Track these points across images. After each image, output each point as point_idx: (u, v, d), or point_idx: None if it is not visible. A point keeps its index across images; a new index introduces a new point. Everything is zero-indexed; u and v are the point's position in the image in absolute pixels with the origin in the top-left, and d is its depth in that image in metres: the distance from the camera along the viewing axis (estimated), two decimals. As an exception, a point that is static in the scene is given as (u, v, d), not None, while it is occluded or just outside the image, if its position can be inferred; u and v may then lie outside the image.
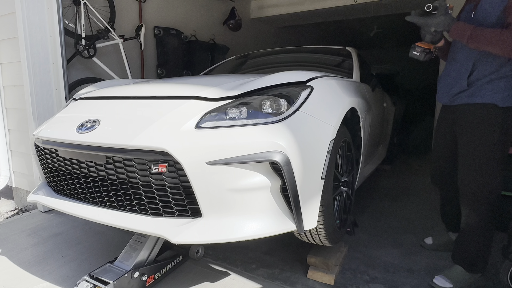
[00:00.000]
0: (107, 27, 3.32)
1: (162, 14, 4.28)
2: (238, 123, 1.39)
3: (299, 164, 1.35)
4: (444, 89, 1.70)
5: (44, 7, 2.49)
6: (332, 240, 1.71)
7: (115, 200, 1.51)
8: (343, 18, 6.24)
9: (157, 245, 1.66)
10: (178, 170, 1.33)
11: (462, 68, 1.59)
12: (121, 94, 1.82)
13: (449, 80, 1.67)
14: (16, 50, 2.57)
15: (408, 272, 1.84)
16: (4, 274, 1.77)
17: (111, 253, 1.89)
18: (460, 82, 1.59)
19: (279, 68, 2.78)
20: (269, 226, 1.36)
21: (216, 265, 1.87)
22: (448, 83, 1.67)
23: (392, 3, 5.24)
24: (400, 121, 4.83)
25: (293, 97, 1.52)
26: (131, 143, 1.37)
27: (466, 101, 1.59)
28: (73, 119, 1.69)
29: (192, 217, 1.38)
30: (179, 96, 1.61)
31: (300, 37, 7.74)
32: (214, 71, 3.25)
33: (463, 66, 1.59)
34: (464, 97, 1.59)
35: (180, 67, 4.48)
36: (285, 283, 1.71)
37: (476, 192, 1.59)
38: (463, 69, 1.58)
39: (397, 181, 3.75)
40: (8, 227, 2.36)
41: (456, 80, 1.62)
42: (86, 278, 1.48)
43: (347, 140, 1.85)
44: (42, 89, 2.54)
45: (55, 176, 1.74)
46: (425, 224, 2.48)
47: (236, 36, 5.67)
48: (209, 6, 5.10)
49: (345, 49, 2.97)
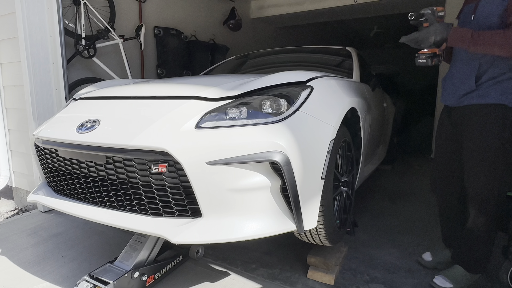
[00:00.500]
0: (107, 27, 3.32)
1: (162, 14, 4.28)
2: (238, 123, 1.39)
3: (299, 164, 1.35)
4: (450, 90, 1.66)
5: (44, 7, 2.49)
6: (332, 240, 1.71)
7: (115, 200, 1.51)
8: (343, 18, 6.25)
9: (157, 245, 1.66)
10: (178, 170, 1.33)
11: (467, 69, 1.56)
12: (121, 94, 1.82)
13: (454, 81, 1.63)
14: (16, 50, 2.57)
15: (408, 272, 1.84)
16: (4, 274, 1.77)
17: (111, 253, 1.89)
18: (467, 83, 1.55)
19: (279, 68, 2.78)
20: (269, 226, 1.36)
21: (216, 265, 1.87)
22: (454, 84, 1.63)
23: (392, 3, 5.24)
24: (400, 121, 4.83)
25: (293, 97, 1.52)
26: (131, 143, 1.37)
27: (476, 102, 1.54)
28: (73, 119, 1.69)
29: (192, 217, 1.38)
30: (179, 96, 1.61)
31: (300, 37, 7.75)
32: (214, 71, 3.25)
33: (469, 66, 1.55)
34: (473, 97, 1.55)
35: (180, 67, 4.48)
36: (285, 283, 1.71)
37: (485, 194, 1.56)
38: (469, 69, 1.55)
39: (397, 181, 3.75)
40: (8, 227, 2.36)
41: (462, 81, 1.58)
42: (86, 278, 1.48)
43: (347, 140, 1.85)
44: (42, 89, 2.54)
45: (55, 176, 1.74)
46: (425, 224, 2.48)
47: (236, 36, 5.67)
48: (209, 6, 5.10)
49: (345, 49, 2.97)
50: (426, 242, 2.19)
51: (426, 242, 2.19)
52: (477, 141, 1.56)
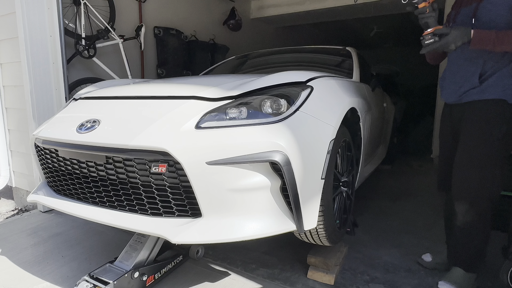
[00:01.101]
0: (107, 27, 3.32)
1: (162, 14, 4.28)
2: (238, 123, 1.39)
3: (299, 164, 1.35)
4: (452, 88, 1.66)
5: (44, 7, 2.49)
6: (332, 240, 1.71)
7: (115, 200, 1.51)
8: (343, 18, 6.25)
9: (157, 245, 1.66)
10: (178, 170, 1.33)
11: (471, 66, 1.56)
12: (121, 94, 1.82)
13: (457, 79, 1.63)
14: (16, 50, 2.57)
15: (408, 272, 1.83)
16: (4, 274, 1.77)
17: (111, 253, 1.89)
18: (471, 80, 1.56)
19: (279, 68, 2.78)
20: (269, 226, 1.36)
21: (216, 265, 1.87)
22: (457, 82, 1.63)
23: (392, 3, 5.24)
24: (400, 121, 4.83)
25: (293, 97, 1.52)
26: (131, 143, 1.37)
27: (476, 98, 1.55)
28: (73, 119, 1.69)
29: (192, 217, 1.38)
30: (179, 96, 1.61)
31: (300, 37, 7.74)
32: (214, 71, 3.25)
33: (473, 64, 1.56)
34: (474, 94, 1.56)
35: (180, 67, 4.48)
36: (285, 283, 1.71)
37: (476, 187, 1.55)
38: (474, 67, 1.55)
39: (397, 181, 3.75)
40: (8, 227, 2.36)
41: (466, 78, 1.58)
42: (86, 278, 1.48)
43: (347, 140, 1.85)
44: (42, 89, 2.54)
45: (55, 176, 1.74)
46: (425, 224, 2.48)
47: (236, 36, 5.67)
48: (209, 6, 5.10)
49: (345, 49, 2.97)
50: (426, 242, 2.19)
51: (426, 242, 2.19)
52: (473, 134, 1.57)
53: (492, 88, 1.51)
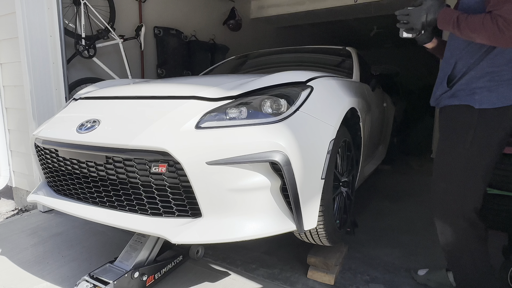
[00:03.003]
0: (107, 27, 3.32)
1: (162, 14, 4.28)
2: (238, 123, 1.39)
3: (299, 164, 1.35)
4: (433, 91, 1.55)
5: (44, 7, 2.49)
6: (332, 240, 1.71)
7: (115, 200, 1.51)
8: (343, 18, 6.25)
9: (157, 245, 1.66)
10: (178, 170, 1.33)
11: (445, 67, 1.44)
12: (121, 94, 1.82)
13: (437, 81, 1.53)
14: (16, 50, 2.57)
15: (408, 272, 1.83)
16: (4, 274, 1.77)
17: (111, 253, 1.89)
18: (443, 84, 1.44)
19: (279, 68, 2.78)
20: (269, 226, 1.36)
21: (216, 265, 1.87)
22: (436, 84, 1.52)
23: (392, 3, 5.24)
24: (400, 121, 4.83)
25: (293, 97, 1.52)
26: (131, 143, 1.37)
27: (446, 103, 1.43)
28: (73, 119, 1.69)
29: (192, 217, 1.38)
30: (179, 96, 1.61)
31: (300, 37, 7.75)
32: (214, 71, 3.25)
33: (447, 64, 1.43)
34: (445, 98, 1.44)
35: (180, 67, 4.48)
36: (285, 283, 1.71)
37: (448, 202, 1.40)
38: (447, 67, 1.43)
39: (397, 181, 3.74)
40: (8, 227, 2.36)
41: (440, 80, 1.48)
42: (86, 278, 1.48)
43: (347, 140, 1.85)
44: (42, 89, 2.54)
45: (55, 176, 1.74)
46: (425, 224, 2.48)
47: (236, 36, 5.67)
48: (209, 6, 5.11)
49: (345, 49, 2.97)
50: (426, 242, 2.19)
51: (426, 242, 2.19)
52: (440, 144, 1.46)
53: (460, 93, 1.37)
